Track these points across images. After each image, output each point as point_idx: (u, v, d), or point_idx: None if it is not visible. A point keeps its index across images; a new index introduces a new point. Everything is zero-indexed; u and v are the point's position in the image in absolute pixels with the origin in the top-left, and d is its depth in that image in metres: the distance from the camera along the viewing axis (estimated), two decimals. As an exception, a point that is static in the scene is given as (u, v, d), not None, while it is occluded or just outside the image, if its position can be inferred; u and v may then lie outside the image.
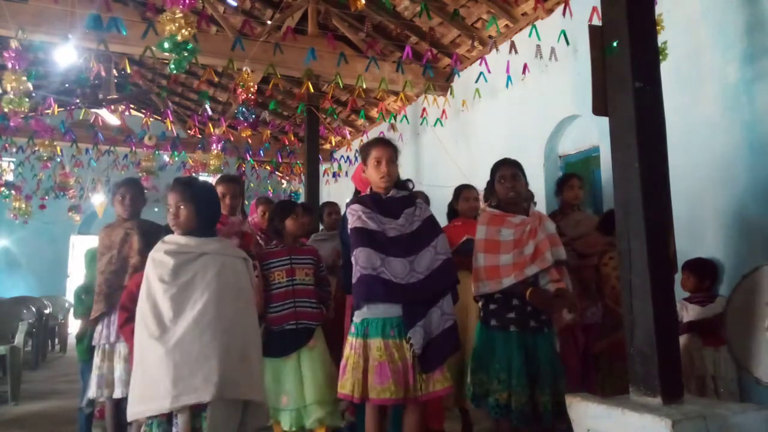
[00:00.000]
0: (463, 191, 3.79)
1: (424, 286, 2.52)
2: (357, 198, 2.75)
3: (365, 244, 2.53)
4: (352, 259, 2.56)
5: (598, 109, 2.71)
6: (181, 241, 2.28)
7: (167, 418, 2.09)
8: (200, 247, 2.26)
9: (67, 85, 8.08)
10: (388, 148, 2.70)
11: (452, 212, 3.85)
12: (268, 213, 3.94)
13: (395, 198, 2.70)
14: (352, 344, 2.57)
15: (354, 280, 2.55)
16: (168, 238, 2.33)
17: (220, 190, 3.40)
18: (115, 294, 3.12)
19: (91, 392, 3.15)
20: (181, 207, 2.27)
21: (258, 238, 4.05)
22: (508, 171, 2.93)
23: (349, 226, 2.63)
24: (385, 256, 2.52)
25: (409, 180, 2.84)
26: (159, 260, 2.23)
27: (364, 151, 2.75)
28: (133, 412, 2.12)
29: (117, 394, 3.08)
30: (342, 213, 4.56)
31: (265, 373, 3.26)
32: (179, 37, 3.80)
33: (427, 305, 2.53)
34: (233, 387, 2.13)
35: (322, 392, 3.24)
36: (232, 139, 8.87)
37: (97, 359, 3.17)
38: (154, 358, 2.08)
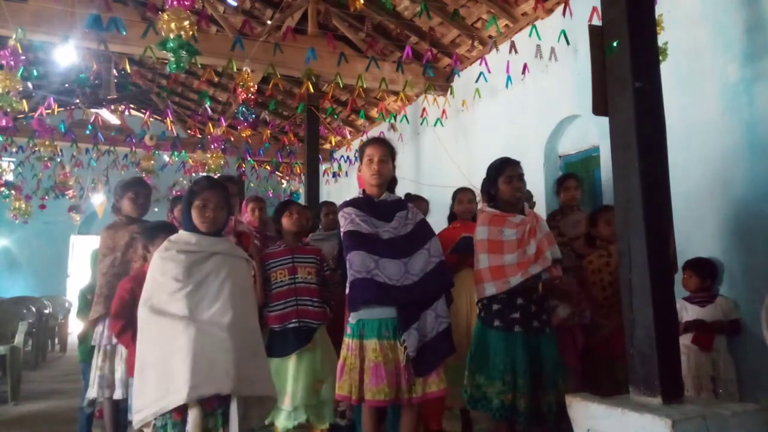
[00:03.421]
0: (458, 194, 3.78)
1: (418, 287, 2.52)
2: (350, 200, 2.71)
3: (358, 247, 2.52)
4: (347, 262, 2.55)
5: (598, 109, 2.71)
6: (192, 240, 2.31)
7: (182, 419, 2.07)
8: (211, 246, 2.31)
9: (67, 85, 8.08)
10: (381, 146, 2.68)
11: (452, 216, 3.86)
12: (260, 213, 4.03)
13: (387, 201, 2.70)
14: (348, 345, 2.56)
15: (348, 284, 2.54)
16: (175, 237, 2.35)
17: None
18: None
19: (92, 392, 3.14)
20: (222, 207, 2.35)
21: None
22: (516, 171, 2.91)
23: (342, 230, 2.61)
24: (379, 258, 2.51)
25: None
26: (170, 258, 2.25)
27: (360, 150, 2.75)
28: (146, 416, 2.08)
29: (117, 395, 3.08)
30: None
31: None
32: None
33: (421, 307, 2.52)
34: (249, 384, 2.19)
35: (312, 395, 3.25)
36: (232, 139, 8.87)
37: (98, 360, 3.16)
38: (170, 353, 2.08)
